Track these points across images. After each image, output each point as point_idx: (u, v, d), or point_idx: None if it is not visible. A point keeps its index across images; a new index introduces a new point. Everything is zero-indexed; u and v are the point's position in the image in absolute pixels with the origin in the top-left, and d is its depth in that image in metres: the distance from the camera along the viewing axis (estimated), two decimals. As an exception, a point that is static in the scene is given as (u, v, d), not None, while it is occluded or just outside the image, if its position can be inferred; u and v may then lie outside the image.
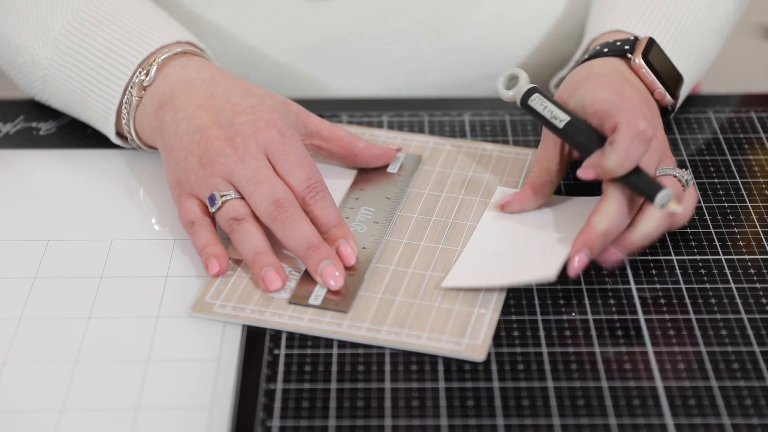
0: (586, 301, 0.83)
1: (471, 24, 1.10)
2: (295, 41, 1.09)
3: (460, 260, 0.86)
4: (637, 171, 0.83)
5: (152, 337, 0.81)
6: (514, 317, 0.82)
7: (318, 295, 0.83)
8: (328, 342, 0.80)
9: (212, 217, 0.87)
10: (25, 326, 0.82)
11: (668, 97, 0.94)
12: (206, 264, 0.84)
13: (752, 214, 0.92)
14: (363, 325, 0.81)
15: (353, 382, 0.77)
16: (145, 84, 0.92)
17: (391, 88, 1.12)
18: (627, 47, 0.94)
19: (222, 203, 0.85)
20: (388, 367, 0.78)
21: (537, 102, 0.90)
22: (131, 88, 0.93)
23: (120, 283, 0.85)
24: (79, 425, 0.75)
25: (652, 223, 0.84)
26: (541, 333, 0.81)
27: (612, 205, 0.83)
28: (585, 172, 0.85)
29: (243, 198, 0.86)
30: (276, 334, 0.81)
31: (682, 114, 1.05)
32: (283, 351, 0.80)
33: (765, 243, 0.89)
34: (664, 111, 0.96)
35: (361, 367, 0.78)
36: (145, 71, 0.93)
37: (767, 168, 0.98)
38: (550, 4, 1.11)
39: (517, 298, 0.84)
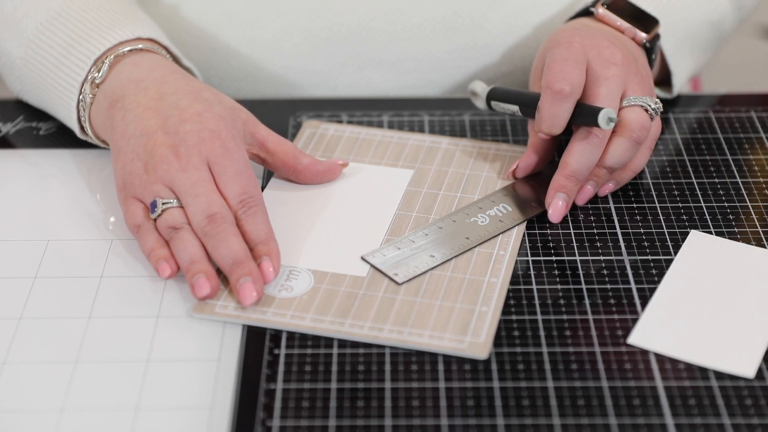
0: (586, 301, 0.83)
1: (488, 23, 1.10)
2: (309, 35, 1.09)
3: (647, 313, 0.82)
4: (578, 107, 0.89)
5: (152, 337, 0.81)
6: (514, 317, 0.82)
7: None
8: (329, 342, 0.80)
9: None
10: (25, 326, 0.82)
11: (640, 34, 0.98)
12: (156, 267, 0.85)
13: (752, 214, 0.92)
14: (365, 324, 0.81)
15: (353, 381, 0.77)
16: (97, 81, 0.93)
17: (404, 85, 1.12)
18: (590, 4, 1.00)
19: (162, 211, 0.85)
20: (388, 367, 0.78)
21: (497, 107, 0.98)
22: (84, 85, 0.94)
23: (120, 283, 0.85)
24: (79, 425, 0.75)
25: (614, 149, 0.90)
26: (541, 333, 0.81)
27: (574, 145, 0.89)
28: (542, 136, 0.92)
29: (183, 207, 0.86)
30: (276, 334, 0.81)
31: (682, 114, 1.05)
32: (283, 351, 0.80)
33: (765, 243, 0.89)
34: (646, 51, 0.99)
35: (361, 367, 0.78)
36: (97, 69, 0.93)
37: (767, 168, 0.98)
38: (566, 6, 1.11)
39: (517, 298, 0.84)
